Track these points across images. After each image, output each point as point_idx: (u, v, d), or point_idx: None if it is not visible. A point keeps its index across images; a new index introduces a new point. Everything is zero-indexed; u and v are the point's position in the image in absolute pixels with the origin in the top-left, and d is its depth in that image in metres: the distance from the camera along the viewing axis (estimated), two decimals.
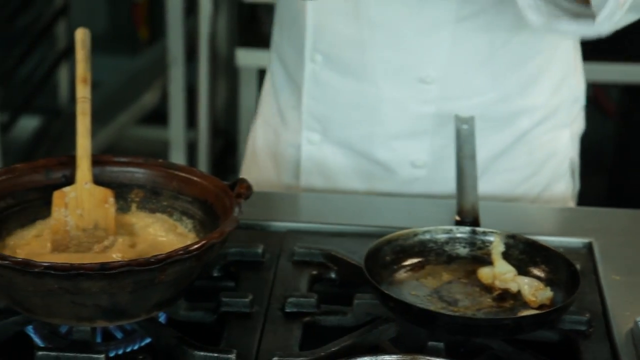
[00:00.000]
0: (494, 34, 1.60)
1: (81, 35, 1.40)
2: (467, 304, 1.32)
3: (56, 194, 1.35)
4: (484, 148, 1.65)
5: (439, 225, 1.41)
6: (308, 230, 1.52)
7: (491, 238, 1.39)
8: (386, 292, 1.28)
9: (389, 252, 1.37)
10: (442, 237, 1.40)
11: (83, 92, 1.37)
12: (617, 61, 3.06)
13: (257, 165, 1.81)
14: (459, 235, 1.40)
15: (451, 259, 1.39)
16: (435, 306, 1.30)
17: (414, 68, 1.62)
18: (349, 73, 1.65)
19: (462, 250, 1.40)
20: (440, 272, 1.37)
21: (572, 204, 1.79)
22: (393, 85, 1.64)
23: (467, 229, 1.40)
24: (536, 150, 1.71)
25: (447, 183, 1.63)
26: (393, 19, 1.59)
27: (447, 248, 1.40)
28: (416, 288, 1.34)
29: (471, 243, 1.40)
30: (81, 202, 1.35)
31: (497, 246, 1.37)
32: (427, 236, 1.40)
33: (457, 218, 1.43)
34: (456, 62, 1.62)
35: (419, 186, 1.70)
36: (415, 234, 1.39)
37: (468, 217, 1.43)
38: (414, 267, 1.38)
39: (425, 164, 1.68)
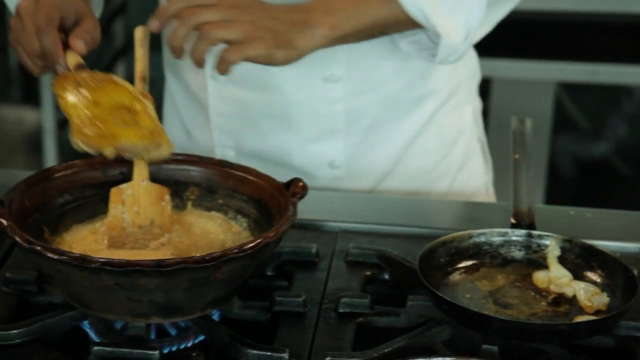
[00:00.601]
0: None
1: (141, 34, 1.41)
2: (521, 307, 1.31)
3: (113, 191, 1.36)
4: (396, 136, 1.69)
5: (495, 228, 1.40)
6: (361, 231, 1.52)
7: (547, 242, 1.38)
8: (440, 294, 1.27)
9: (444, 253, 1.37)
10: (497, 239, 1.39)
11: (142, 90, 1.38)
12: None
13: None
14: (514, 238, 1.39)
15: (506, 262, 1.38)
16: (489, 310, 1.30)
17: (317, 69, 1.61)
18: (253, 85, 1.63)
19: (518, 254, 1.39)
20: (495, 275, 1.37)
21: (489, 183, 1.85)
22: (299, 89, 1.62)
23: (523, 232, 1.39)
24: (444, 131, 1.73)
25: (365, 179, 1.69)
26: None
27: (502, 251, 1.39)
28: (470, 291, 1.34)
29: (527, 246, 1.39)
30: (138, 199, 1.36)
31: (553, 250, 1.36)
32: (482, 238, 1.39)
33: (513, 221, 1.42)
34: (358, 58, 1.62)
35: (342, 185, 1.70)
36: (471, 236, 1.39)
37: (524, 220, 1.42)
38: (468, 270, 1.37)
39: (342, 164, 1.69)
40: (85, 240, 1.35)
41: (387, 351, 1.25)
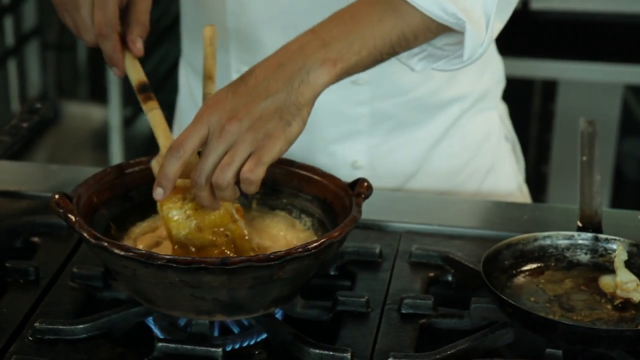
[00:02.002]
0: None
1: (209, 33, 1.41)
2: (587, 312, 1.29)
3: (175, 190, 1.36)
4: (419, 139, 1.67)
5: (559, 231, 1.39)
6: (425, 232, 1.52)
7: (614, 246, 1.36)
8: (504, 297, 1.27)
9: (508, 256, 1.36)
10: (563, 242, 1.38)
11: (209, 89, 1.39)
12: None
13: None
14: (580, 241, 1.38)
15: (571, 266, 1.37)
16: (554, 313, 1.28)
17: None
18: None
19: (583, 257, 1.38)
20: (560, 279, 1.35)
21: (522, 184, 1.82)
22: (326, 91, 1.60)
23: (590, 235, 1.38)
24: (469, 134, 1.72)
25: (387, 179, 1.67)
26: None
27: (567, 254, 1.38)
28: (535, 294, 1.32)
29: (593, 250, 1.37)
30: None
31: (620, 254, 1.34)
32: (548, 241, 1.38)
33: (579, 224, 1.40)
34: (386, 63, 1.59)
35: None
36: (536, 239, 1.37)
37: (591, 223, 1.40)
38: (532, 273, 1.36)
39: (364, 164, 1.68)
40: (151, 236, 1.36)
41: (450, 353, 1.25)
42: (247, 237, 1.29)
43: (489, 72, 1.75)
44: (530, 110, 3.28)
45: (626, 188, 3.34)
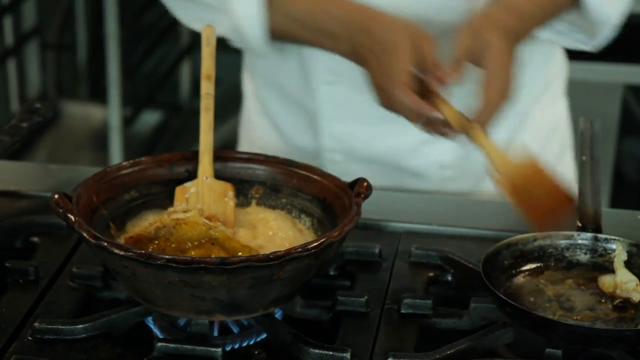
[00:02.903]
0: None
1: (207, 33, 1.42)
2: (586, 312, 1.29)
3: (178, 189, 1.37)
4: (499, 132, 1.63)
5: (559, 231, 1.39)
6: (425, 232, 1.52)
7: (613, 246, 1.36)
8: (504, 297, 1.27)
9: (508, 256, 1.36)
10: (562, 242, 1.38)
11: (207, 89, 1.39)
12: None
13: None
14: (580, 241, 1.38)
15: (571, 265, 1.37)
16: (553, 313, 1.28)
17: None
18: (367, 88, 1.63)
19: (583, 257, 1.38)
20: (560, 279, 1.35)
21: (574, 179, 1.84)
22: None
23: (589, 235, 1.38)
24: (541, 124, 1.75)
25: (475, 178, 1.69)
26: None
27: (567, 254, 1.38)
28: (534, 294, 1.32)
29: (592, 250, 1.37)
30: (202, 196, 1.37)
31: (620, 254, 1.34)
32: (548, 241, 1.38)
33: (579, 224, 1.40)
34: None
35: (449, 185, 1.72)
36: (535, 239, 1.37)
37: (590, 223, 1.40)
38: (532, 272, 1.36)
39: (452, 164, 1.70)
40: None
41: (450, 353, 1.25)
42: (234, 235, 1.29)
43: (557, 59, 1.77)
44: None
45: (626, 188, 3.34)
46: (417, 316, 1.33)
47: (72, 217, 1.25)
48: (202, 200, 1.36)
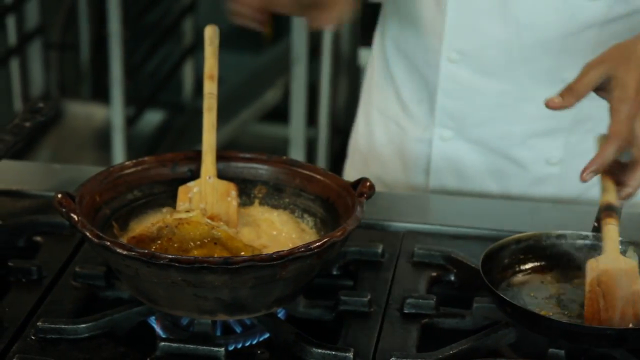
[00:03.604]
0: (636, 32, 1.59)
1: (210, 32, 1.42)
2: (581, 310, 1.28)
3: (181, 189, 1.37)
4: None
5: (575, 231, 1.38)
6: (427, 232, 1.52)
7: (628, 249, 1.35)
8: (498, 292, 1.26)
9: (509, 254, 1.35)
10: (577, 242, 1.37)
11: (210, 88, 1.39)
12: None
13: (380, 161, 1.80)
14: (595, 242, 1.37)
15: (584, 265, 1.33)
16: (547, 309, 1.28)
17: (559, 69, 1.62)
18: (491, 73, 1.65)
19: None
20: (569, 277, 1.35)
21: None
22: (537, 86, 1.63)
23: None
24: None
25: (577, 180, 1.63)
26: (541, 20, 1.59)
27: (580, 254, 1.37)
28: (537, 290, 1.32)
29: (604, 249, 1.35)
30: (205, 196, 1.37)
31: (631, 258, 1.33)
32: (562, 240, 1.37)
33: (595, 224, 1.39)
34: None
35: (551, 183, 1.71)
36: (548, 237, 1.37)
37: None
38: (541, 269, 1.36)
39: (559, 161, 1.69)
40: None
41: (452, 353, 1.25)
42: (236, 234, 1.29)
43: None
44: None
45: None
46: (420, 316, 1.33)
47: (75, 217, 1.25)
48: (205, 199, 1.37)
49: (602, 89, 1.35)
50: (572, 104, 1.34)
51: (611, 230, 1.31)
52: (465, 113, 1.70)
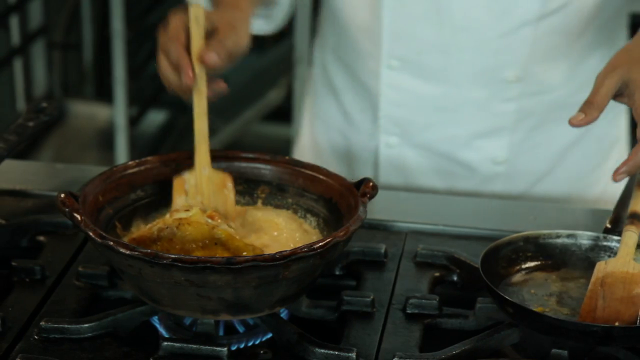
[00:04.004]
0: (572, 27, 1.62)
1: (196, 12, 1.34)
2: (578, 308, 1.28)
3: (176, 181, 1.35)
4: (558, 138, 1.70)
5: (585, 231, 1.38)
6: (431, 232, 1.52)
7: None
8: (490, 284, 1.26)
9: (513, 252, 1.35)
10: (586, 242, 1.37)
11: (198, 70, 1.33)
12: None
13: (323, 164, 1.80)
14: (606, 243, 1.37)
15: (592, 266, 1.32)
16: (545, 306, 1.28)
17: (497, 69, 1.64)
18: (431, 77, 1.66)
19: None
20: (575, 277, 1.35)
21: None
22: (477, 86, 1.65)
23: (616, 238, 1.36)
24: (603, 137, 1.75)
25: (525, 177, 1.70)
26: (477, 22, 1.61)
27: (591, 255, 1.37)
28: (539, 287, 1.33)
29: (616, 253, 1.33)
30: (201, 188, 1.35)
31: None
32: (572, 240, 1.37)
33: (608, 226, 1.39)
34: (536, 60, 1.64)
35: (499, 182, 1.73)
36: (559, 236, 1.37)
37: (621, 227, 1.38)
38: (548, 267, 1.36)
39: (505, 160, 1.71)
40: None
41: (455, 353, 1.25)
42: (237, 237, 1.29)
43: None
44: None
45: None
46: (423, 316, 1.33)
47: (78, 217, 1.25)
48: (201, 192, 1.35)
49: (619, 95, 1.34)
50: (595, 118, 1.32)
51: (629, 237, 1.31)
52: (409, 119, 1.71)
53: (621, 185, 1.75)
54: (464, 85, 1.66)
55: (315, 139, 1.84)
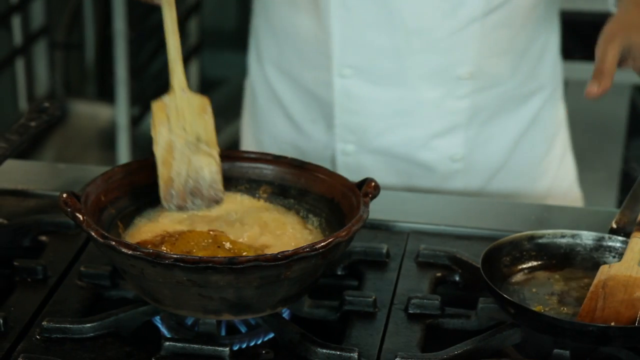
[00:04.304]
0: (515, 20, 1.65)
1: None
2: (578, 308, 1.28)
3: (156, 105, 1.32)
4: (508, 129, 1.73)
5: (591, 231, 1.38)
6: (433, 232, 1.52)
7: None
8: (489, 281, 1.26)
9: (518, 251, 1.35)
10: (591, 243, 1.37)
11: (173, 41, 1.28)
12: None
13: None
14: (610, 244, 1.37)
15: (596, 267, 1.33)
16: (545, 305, 1.28)
17: (450, 67, 1.66)
18: (385, 82, 1.67)
19: (612, 261, 1.35)
20: (579, 277, 1.35)
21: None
22: (432, 87, 1.66)
23: (621, 239, 1.36)
24: (548, 125, 1.79)
25: (483, 171, 1.73)
26: (428, 23, 1.62)
27: (595, 255, 1.37)
28: (541, 286, 1.33)
29: (622, 254, 1.33)
30: (182, 112, 1.32)
31: None
32: (577, 240, 1.37)
33: (614, 226, 1.39)
34: (485, 55, 1.66)
35: (458, 180, 1.74)
36: (563, 236, 1.37)
37: (627, 227, 1.39)
38: (552, 267, 1.36)
39: (462, 157, 1.72)
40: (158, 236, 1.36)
41: (457, 353, 1.25)
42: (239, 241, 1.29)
43: (559, 61, 1.81)
44: None
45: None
46: (425, 316, 1.33)
47: (80, 216, 1.25)
48: (182, 116, 1.31)
49: (623, 61, 1.36)
50: (609, 85, 1.34)
51: (636, 243, 1.32)
52: (365, 125, 1.71)
53: (568, 179, 1.80)
54: (418, 87, 1.67)
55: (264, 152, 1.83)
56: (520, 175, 1.77)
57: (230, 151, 1.42)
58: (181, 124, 1.31)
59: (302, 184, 1.39)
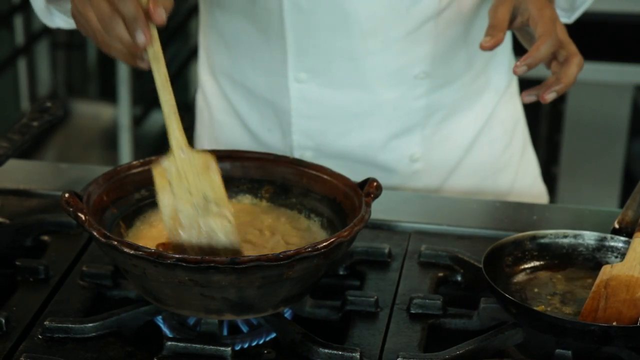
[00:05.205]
0: (465, 16, 1.65)
1: None
2: (579, 308, 1.29)
3: (156, 171, 1.26)
4: (465, 126, 1.74)
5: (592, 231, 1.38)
6: (434, 232, 1.52)
7: None
8: (494, 284, 1.26)
9: (520, 251, 1.35)
10: (593, 243, 1.37)
11: (153, 32, 1.21)
12: None
13: None
14: (613, 244, 1.36)
15: (599, 267, 1.33)
16: (547, 305, 1.28)
17: (406, 67, 1.65)
18: (342, 85, 1.65)
19: (614, 260, 1.35)
20: (581, 277, 1.35)
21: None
22: (389, 88, 1.66)
23: (623, 239, 1.36)
24: (506, 119, 1.79)
25: (439, 171, 1.73)
26: (383, 24, 1.61)
27: (597, 255, 1.37)
28: (543, 286, 1.33)
29: (625, 254, 1.33)
30: (184, 174, 1.25)
31: None
32: (579, 240, 1.37)
33: (616, 226, 1.39)
34: (441, 52, 1.66)
35: (418, 179, 1.73)
36: (565, 236, 1.37)
37: (629, 227, 1.39)
38: (554, 267, 1.36)
39: (421, 156, 1.72)
40: (161, 236, 1.36)
41: (459, 353, 1.25)
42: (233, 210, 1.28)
43: (512, 56, 1.81)
44: (540, 110, 3.28)
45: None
46: (427, 316, 1.33)
47: (82, 216, 1.25)
48: (185, 179, 1.26)
49: (513, 20, 1.43)
50: (502, 39, 1.39)
51: (638, 243, 1.31)
52: (322, 130, 1.69)
53: (531, 174, 1.82)
54: (375, 89, 1.65)
55: None
56: (481, 171, 1.77)
57: (232, 151, 1.42)
58: (185, 187, 1.25)
59: (304, 184, 1.39)
